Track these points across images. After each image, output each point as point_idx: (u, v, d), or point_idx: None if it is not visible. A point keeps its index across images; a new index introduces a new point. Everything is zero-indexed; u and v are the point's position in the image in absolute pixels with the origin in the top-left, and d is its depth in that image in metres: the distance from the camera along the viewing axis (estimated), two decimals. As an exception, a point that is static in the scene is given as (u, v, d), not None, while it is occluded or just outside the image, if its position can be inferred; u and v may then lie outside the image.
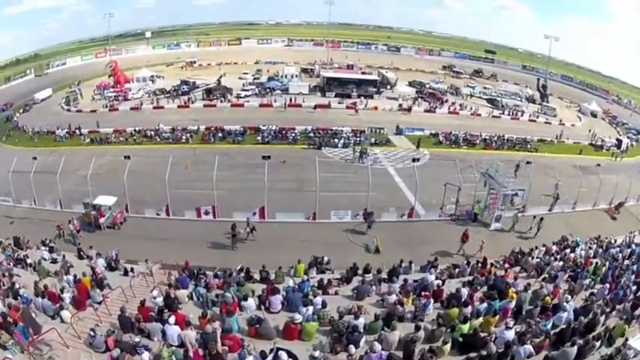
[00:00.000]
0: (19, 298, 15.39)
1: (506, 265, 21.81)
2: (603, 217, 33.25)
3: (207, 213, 28.87)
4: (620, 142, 57.30)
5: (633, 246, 24.11)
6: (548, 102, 75.26)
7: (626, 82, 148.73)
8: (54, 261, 21.83)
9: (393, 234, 27.10)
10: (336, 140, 44.28)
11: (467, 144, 48.24)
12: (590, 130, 60.73)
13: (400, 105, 61.66)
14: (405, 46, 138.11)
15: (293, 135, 45.60)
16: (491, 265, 21.13)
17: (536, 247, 24.06)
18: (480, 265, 21.00)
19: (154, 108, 59.22)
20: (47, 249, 23.35)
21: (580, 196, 33.08)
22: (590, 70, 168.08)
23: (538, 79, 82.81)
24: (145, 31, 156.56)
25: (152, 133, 46.65)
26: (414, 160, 32.34)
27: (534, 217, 28.88)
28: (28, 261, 21.15)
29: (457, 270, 20.97)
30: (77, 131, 49.44)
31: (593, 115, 76.40)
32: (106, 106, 60.81)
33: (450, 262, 22.75)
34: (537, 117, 66.46)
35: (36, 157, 32.40)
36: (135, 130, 47.59)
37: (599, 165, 37.86)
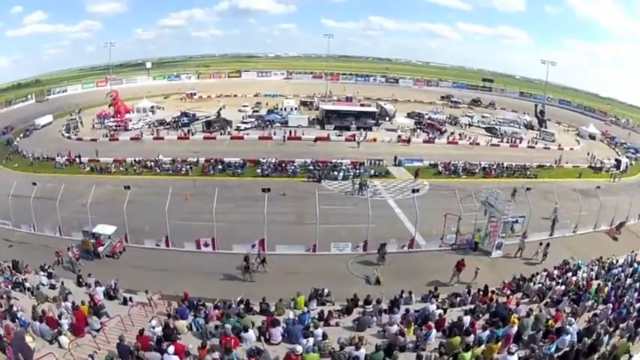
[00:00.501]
0: (16, 320, 15.65)
1: (508, 292, 22.18)
2: (604, 238, 34.04)
3: (206, 245, 29.25)
4: (619, 162, 58.93)
5: (635, 264, 24.55)
6: (546, 127, 77.25)
7: (624, 101, 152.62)
8: (52, 287, 22.17)
9: (394, 265, 27.49)
10: (336, 173, 45.06)
11: (466, 173, 49.11)
12: (588, 153, 62.36)
13: (399, 136, 63.02)
14: (403, 77, 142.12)
15: (292, 168, 46.41)
16: (493, 292, 21.47)
17: (538, 273, 24.51)
18: (481, 292, 21.33)
19: (154, 139, 60.62)
20: (46, 274, 23.74)
21: (581, 219, 33.88)
22: (587, 93, 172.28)
23: (536, 105, 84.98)
24: (145, 61, 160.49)
25: (152, 164, 47.58)
26: (413, 190, 33.05)
27: (540, 243, 29.58)
28: (27, 285, 21.50)
29: (458, 299, 21.28)
30: (77, 159, 50.58)
31: (592, 137, 78.42)
32: (107, 136, 62.40)
33: (451, 291, 23.06)
34: (536, 143, 68.06)
35: (36, 183, 33.41)
36: (135, 161, 48.61)
37: (598, 187, 38.55)
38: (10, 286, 20.44)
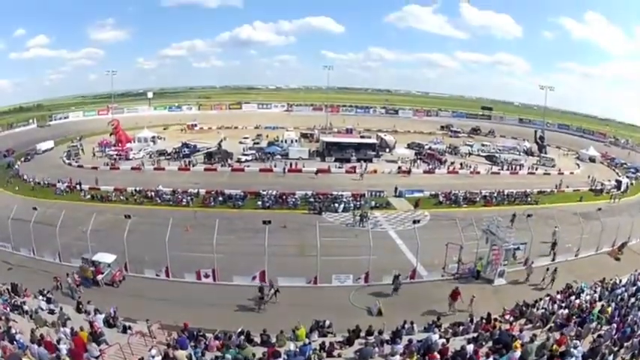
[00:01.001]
0: (14, 342, 16.01)
1: (511, 318, 22.52)
2: (607, 259, 34.67)
3: (207, 276, 29.60)
4: (619, 183, 60.15)
5: (639, 283, 25.01)
6: (546, 153, 79.18)
7: (623, 121, 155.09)
8: (51, 312, 22.59)
9: (396, 296, 27.92)
10: (337, 205, 45.64)
11: (467, 202, 49.73)
12: (589, 176, 63.66)
13: (399, 167, 64.05)
14: (402, 108, 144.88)
15: (293, 200, 47.06)
16: (495, 319, 21.76)
17: (541, 299, 24.91)
18: (484, 320, 21.67)
19: (155, 169, 61.72)
20: (45, 299, 24.14)
21: (582, 242, 34.57)
22: (586, 115, 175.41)
23: (535, 131, 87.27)
24: (146, 91, 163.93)
25: (152, 194, 48.34)
26: (414, 221, 33.75)
27: (547, 268, 30.24)
28: (25, 308, 21.91)
29: (461, 327, 21.61)
30: (78, 186, 51.57)
31: (592, 160, 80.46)
32: (107, 164, 63.67)
33: (453, 320, 23.45)
34: (536, 169, 69.36)
35: (36, 208, 34.38)
36: (135, 190, 49.41)
37: (599, 209, 39.40)
38: (8, 308, 20.87)
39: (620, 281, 26.69)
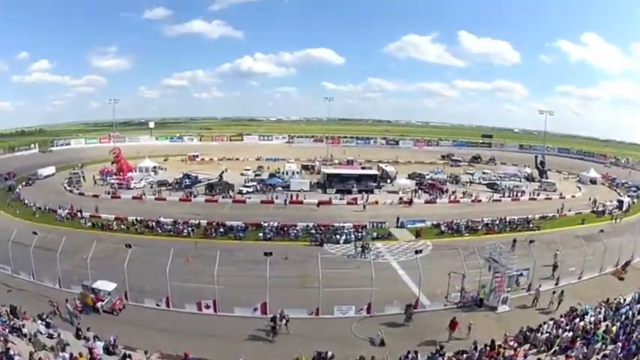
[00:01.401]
0: None
1: (515, 344, 22.79)
2: (611, 280, 35.28)
3: (207, 307, 29.77)
4: (621, 202, 61.49)
5: None
6: (547, 178, 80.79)
7: (623, 140, 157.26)
8: (50, 336, 22.94)
9: (399, 326, 28.12)
10: (338, 236, 46.07)
11: (469, 231, 50.14)
12: (589, 198, 65.02)
13: (401, 198, 64.73)
14: (403, 138, 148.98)
15: (295, 232, 47.58)
16: (499, 346, 22.00)
17: (545, 322, 25.26)
18: (488, 348, 21.89)
19: (156, 199, 62.64)
20: (44, 323, 24.45)
21: (586, 264, 35.13)
22: (586, 138, 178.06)
23: (536, 157, 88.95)
24: (148, 120, 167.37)
25: (153, 224, 48.89)
26: (416, 251, 34.10)
27: (554, 291, 30.72)
28: (24, 331, 22.28)
29: (465, 355, 21.80)
30: (79, 214, 52.47)
31: (593, 182, 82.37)
32: (108, 193, 64.76)
33: (457, 348, 23.55)
34: (538, 194, 70.50)
35: (36, 232, 35.19)
36: (136, 220, 50.06)
37: (602, 231, 40.18)
38: (7, 330, 21.33)
39: (625, 300, 27.29)
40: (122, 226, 49.16)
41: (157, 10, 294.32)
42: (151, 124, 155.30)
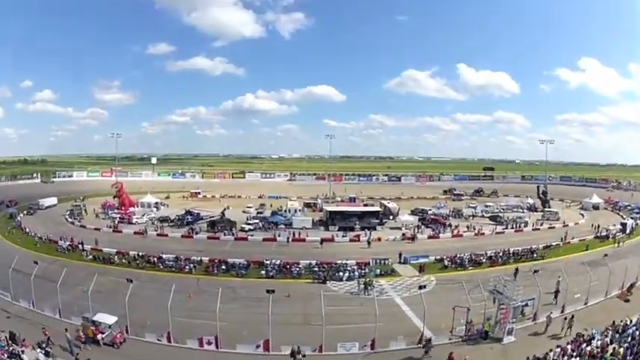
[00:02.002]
0: None
1: None
2: (617, 303, 35.81)
3: (209, 343, 29.83)
4: (624, 225, 62.35)
5: None
6: (549, 207, 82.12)
7: (624, 163, 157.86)
8: (49, 365, 22.97)
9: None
10: (341, 273, 46.21)
11: (472, 264, 50.31)
12: (592, 225, 65.97)
13: (403, 234, 65.11)
14: (405, 174, 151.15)
15: (297, 269, 47.81)
16: None
17: (551, 350, 25.42)
18: None
19: (158, 235, 63.25)
20: (43, 352, 24.67)
21: (591, 289, 35.62)
22: (588, 164, 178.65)
23: (538, 187, 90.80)
24: (150, 156, 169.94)
25: (155, 259, 49.30)
26: (420, 287, 34.37)
27: (565, 317, 31.14)
28: (24, 358, 22.72)
29: None
30: (80, 246, 53.16)
31: (595, 207, 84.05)
32: (110, 227, 65.62)
33: None
34: (541, 224, 71.45)
35: (37, 262, 36.21)
36: (138, 255, 50.57)
37: (606, 255, 41.45)
38: (5, 355, 21.83)
39: (631, 321, 27.72)
40: (123, 261, 49.61)
41: (160, 46, 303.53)
42: (154, 160, 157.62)
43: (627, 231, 61.26)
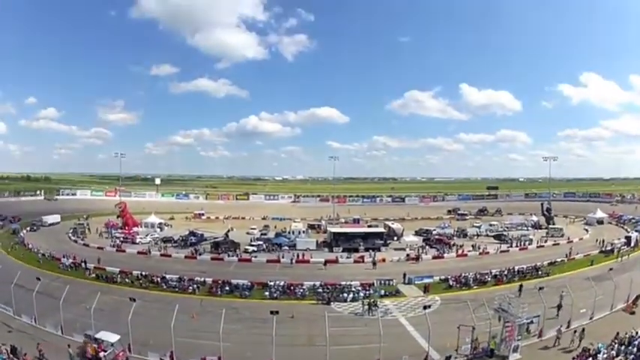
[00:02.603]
0: None
1: None
2: (622, 315, 36.13)
3: (213, 363, 30.00)
4: (629, 238, 62.53)
5: None
6: (554, 224, 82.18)
7: (627, 177, 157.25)
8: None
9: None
10: (345, 294, 46.07)
11: (477, 283, 50.21)
12: (596, 240, 66.15)
13: (408, 255, 64.94)
14: (409, 195, 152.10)
15: (301, 290, 47.70)
16: None
17: None
18: None
19: (161, 255, 63.54)
20: None
21: (597, 303, 35.82)
22: (591, 179, 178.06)
23: (542, 204, 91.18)
24: (154, 177, 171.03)
25: (158, 279, 49.39)
26: (424, 307, 34.30)
27: (575, 331, 31.51)
28: None
29: None
30: (83, 264, 53.53)
31: (600, 222, 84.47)
32: (113, 246, 66.13)
33: None
34: (545, 241, 71.71)
35: (39, 278, 36.42)
36: (141, 274, 50.68)
37: (611, 269, 41.48)
38: None
39: (637, 333, 27.89)
40: (127, 280, 49.82)
41: (163, 67, 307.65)
42: (157, 181, 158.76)
43: (632, 244, 61.61)
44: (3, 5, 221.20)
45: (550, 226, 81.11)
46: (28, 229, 71.26)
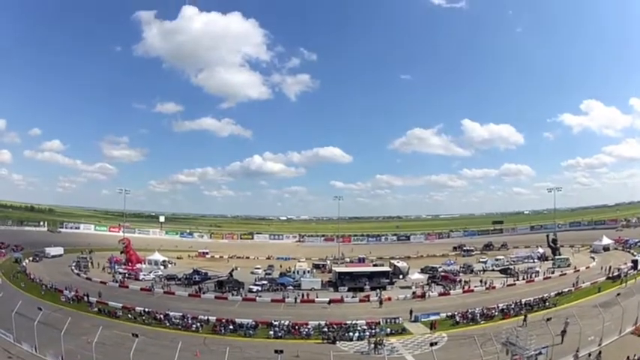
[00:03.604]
0: None
1: None
2: (632, 339, 36.42)
3: (215, 401, 29.60)
4: (635, 262, 62.33)
5: None
6: (560, 254, 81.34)
7: (632, 201, 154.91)
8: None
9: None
10: (351, 333, 45.38)
11: (484, 318, 49.54)
12: (602, 267, 66.11)
13: (414, 293, 64.18)
14: (414, 233, 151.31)
15: (306, 330, 47.09)
16: None
17: None
18: None
19: (165, 293, 63.14)
20: None
21: (605, 329, 35.82)
22: (596, 206, 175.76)
23: (547, 235, 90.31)
24: (158, 214, 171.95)
25: (161, 316, 49.02)
26: (431, 344, 34.14)
27: (589, 354, 32.72)
28: None
29: None
30: (85, 297, 53.49)
31: (606, 249, 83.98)
32: (116, 281, 66.05)
33: None
34: (552, 272, 71.09)
35: (41, 308, 36.53)
36: (144, 311, 50.39)
37: (619, 294, 41.62)
38: None
39: None
40: (129, 316, 49.47)
41: (168, 105, 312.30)
42: (162, 218, 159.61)
43: (639, 267, 61.52)
44: (9, 35, 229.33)
45: (556, 256, 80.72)
46: (31, 259, 71.76)
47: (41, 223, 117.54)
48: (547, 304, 52.95)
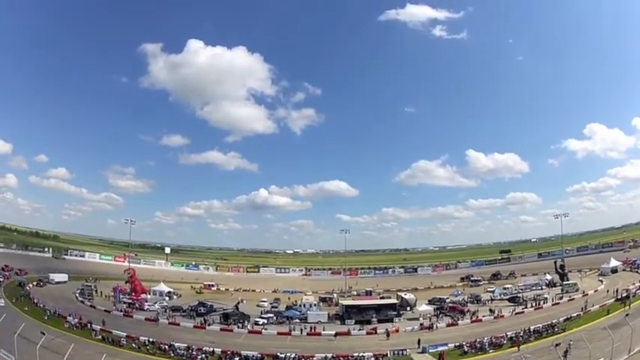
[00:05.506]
0: None
1: None
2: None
3: None
4: None
5: None
6: (568, 279, 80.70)
7: (638, 222, 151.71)
8: None
9: None
10: (358, 366, 45.00)
11: (493, 347, 49.10)
12: (608, 290, 66.15)
13: (421, 324, 63.46)
14: (421, 265, 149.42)
15: (313, 363, 46.80)
16: None
17: None
18: None
19: (170, 323, 62.85)
20: None
21: (615, 350, 36.38)
22: (604, 230, 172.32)
23: (555, 262, 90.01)
24: (164, 246, 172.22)
25: (166, 346, 48.79)
26: None
27: None
28: None
29: None
30: (89, 325, 53.39)
31: (614, 271, 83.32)
32: (121, 310, 65.89)
33: None
34: (561, 298, 70.59)
35: (44, 333, 36.45)
36: (149, 341, 50.22)
37: (627, 315, 41.73)
38: None
39: None
40: (133, 345, 49.25)
41: (174, 137, 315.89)
42: (167, 250, 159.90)
43: None
44: (17, 63, 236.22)
45: (564, 282, 79.99)
46: (35, 283, 72.12)
47: (46, 249, 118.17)
48: (556, 329, 52.66)
